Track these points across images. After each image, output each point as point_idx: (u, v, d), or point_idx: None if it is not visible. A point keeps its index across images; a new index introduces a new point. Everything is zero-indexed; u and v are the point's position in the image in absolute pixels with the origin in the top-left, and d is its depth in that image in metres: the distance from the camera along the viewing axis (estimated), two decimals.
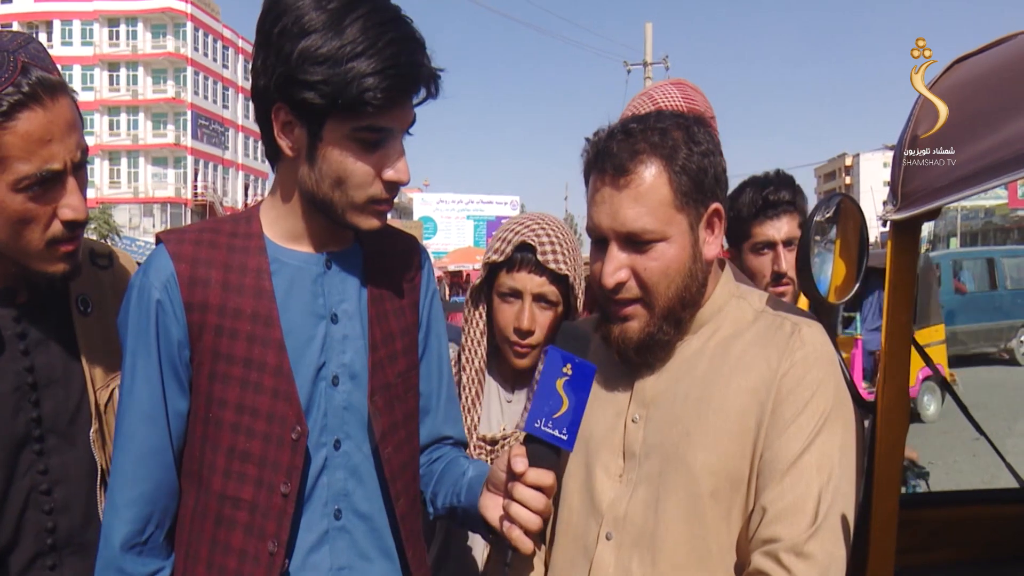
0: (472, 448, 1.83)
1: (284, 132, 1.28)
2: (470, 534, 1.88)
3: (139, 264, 1.65)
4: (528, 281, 1.82)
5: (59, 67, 1.33)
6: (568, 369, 1.28)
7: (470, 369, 1.89)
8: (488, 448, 1.86)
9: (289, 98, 1.24)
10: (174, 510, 1.33)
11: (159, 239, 1.35)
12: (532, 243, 1.81)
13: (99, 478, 1.44)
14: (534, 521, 1.27)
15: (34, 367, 1.38)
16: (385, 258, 1.46)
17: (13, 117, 1.21)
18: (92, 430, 1.44)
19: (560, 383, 1.28)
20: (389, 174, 1.29)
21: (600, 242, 1.38)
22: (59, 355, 1.42)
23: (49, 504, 1.38)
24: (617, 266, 1.34)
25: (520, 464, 1.27)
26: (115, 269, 1.58)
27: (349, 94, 1.20)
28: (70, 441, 1.42)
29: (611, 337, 1.39)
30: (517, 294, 1.84)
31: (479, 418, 1.90)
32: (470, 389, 1.88)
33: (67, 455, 1.41)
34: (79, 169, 1.33)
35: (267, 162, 1.37)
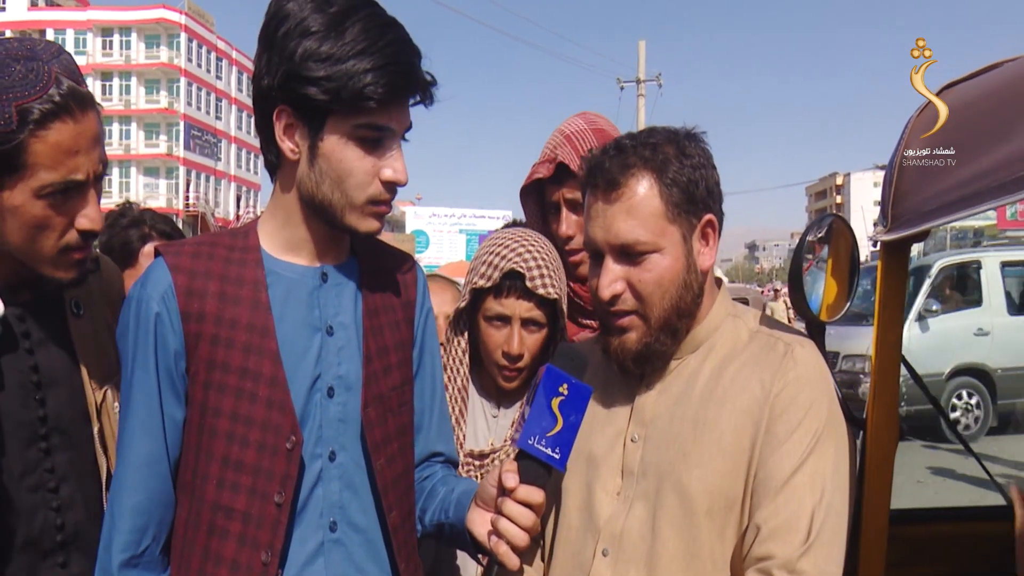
0: (461, 464, 1.81)
1: (286, 134, 1.31)
2: (459, 553, 1.86)
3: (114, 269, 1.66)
4: (517, 306, 1.81)
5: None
6: (564, 389, 1.29)
7: (452, 387, 1.88)
8: (477, 463, 1.86)
9: (292, 96, 1.27)
10: (170, 522, 1.33)
11: (158, 252, 1.36)
12: (521, 270, 1.79)
13: (104, 479, 1.45)
14: (521, 537, 1.28)
15: (38, 366, 1.40)
16: (381, 273, 1.47)
17: (44, 126, 1.23)
18: (95, 430, 1.45)
19: (556, 402, 1.28)
20: (388, 174, 1.31)
21: (596, 256, 1.41)
22: (58, 356, 1.43)
23: (56, 501, 1.39)
24: (612, 278, 1.37)
25: (511, 480, 1.28)
26: (102, 273, 1.60)
27: (351, 89, 1.23)
28: (72, 440, 1.43)
29: (610, 349, 1.41)
30: (505, 319, 1.83)
31: (464, 435, 1.89)
32: (453, 407, 1.87)
33: (71, 453, 1.42)
34: (99, 181, 1.36)
35: (260, 174, 1.39)
